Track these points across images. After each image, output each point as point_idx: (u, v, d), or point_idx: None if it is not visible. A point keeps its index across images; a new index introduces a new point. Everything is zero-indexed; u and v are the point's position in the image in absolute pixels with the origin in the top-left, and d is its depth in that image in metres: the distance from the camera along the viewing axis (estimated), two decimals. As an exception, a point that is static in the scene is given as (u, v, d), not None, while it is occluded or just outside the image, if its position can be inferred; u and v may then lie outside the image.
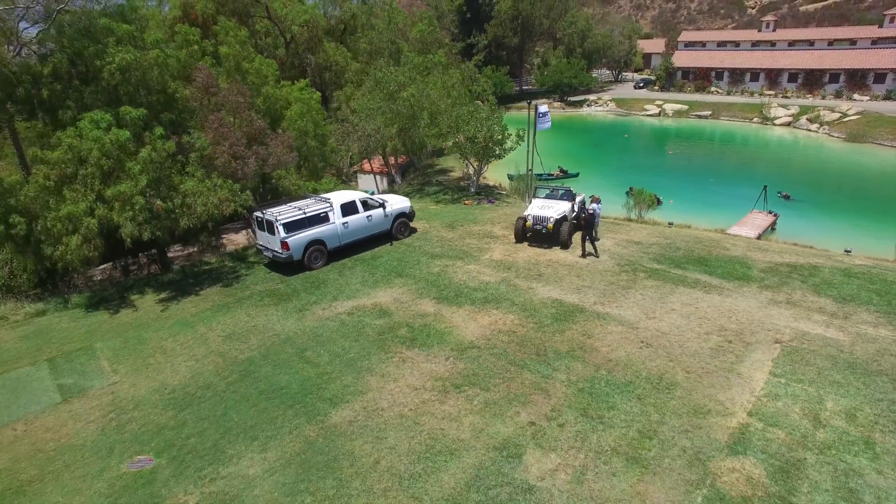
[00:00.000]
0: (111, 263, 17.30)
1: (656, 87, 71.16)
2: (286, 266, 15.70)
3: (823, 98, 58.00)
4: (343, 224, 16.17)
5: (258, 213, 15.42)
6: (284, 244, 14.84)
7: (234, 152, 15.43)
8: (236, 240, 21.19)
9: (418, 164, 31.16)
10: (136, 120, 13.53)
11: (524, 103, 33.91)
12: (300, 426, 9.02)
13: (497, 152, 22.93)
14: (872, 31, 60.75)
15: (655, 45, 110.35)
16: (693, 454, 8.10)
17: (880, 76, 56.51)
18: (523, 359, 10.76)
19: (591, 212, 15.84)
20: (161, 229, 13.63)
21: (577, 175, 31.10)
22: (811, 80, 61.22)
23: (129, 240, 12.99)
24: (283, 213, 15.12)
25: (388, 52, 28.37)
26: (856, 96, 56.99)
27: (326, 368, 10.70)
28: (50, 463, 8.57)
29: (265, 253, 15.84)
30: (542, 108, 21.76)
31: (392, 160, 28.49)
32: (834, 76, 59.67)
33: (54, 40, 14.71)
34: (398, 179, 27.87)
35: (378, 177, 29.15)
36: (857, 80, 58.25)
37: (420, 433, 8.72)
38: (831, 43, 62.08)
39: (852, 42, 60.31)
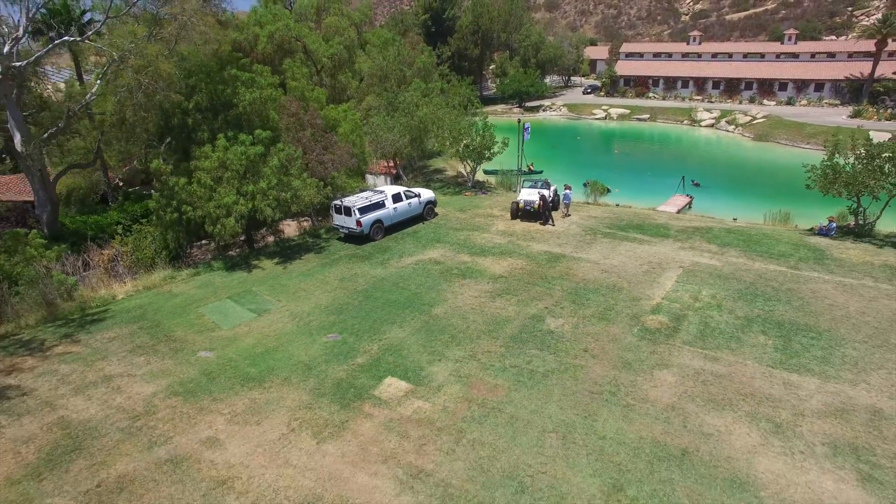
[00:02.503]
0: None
1: (602, 93, 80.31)
2: (357, 238, 22.27)
3: (741, 103, 68.30)
4: (393, 208, 22.89)
5: (337, 202, 21.91)
6: (359, 223, 21.43)
7: (317, 159, 21.85)
8: (287, 230, 27.37)
9: (415, 164, 37.90)
10: (265, 139, 19.73)
11: (492, 107, 41.03)
12: (416, 316, 15.81)
13: (487, 155, 30.07)
14: (777, 47, 71.81)
15: (600, 52, 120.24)
16: (632, 315, 15.45)
17: (783, 85, 67.34)
18: (533, 281, 17.91)
19: (553, 195, 23.20)
20: (283, 212, 19.93)
21: (541, 172, 38.58)
22: (731, 88, 71.70)
23: (268, 219, 19.26)
24: (355, 201, 21.69)
25: (394, 79, 35.01)
26: (765, 101, 67.58)
27: (416, 291, 17.51)
28: (279, 340, 14.99)
29: (341, 230, 22.34)
30: (527, 125, 29.16)
31: (393, 162, 35.12)
32: (749, 84, 70.24)
33: (192, 82, 20.59)
34: (404, 178, 34.56)
35: (383, 176, 35.71)
36: (766, 87, 68.98)
37: (485, 314, 15.71)
38: (746, 56, 72.75)
39: (762, 55, 71.09)
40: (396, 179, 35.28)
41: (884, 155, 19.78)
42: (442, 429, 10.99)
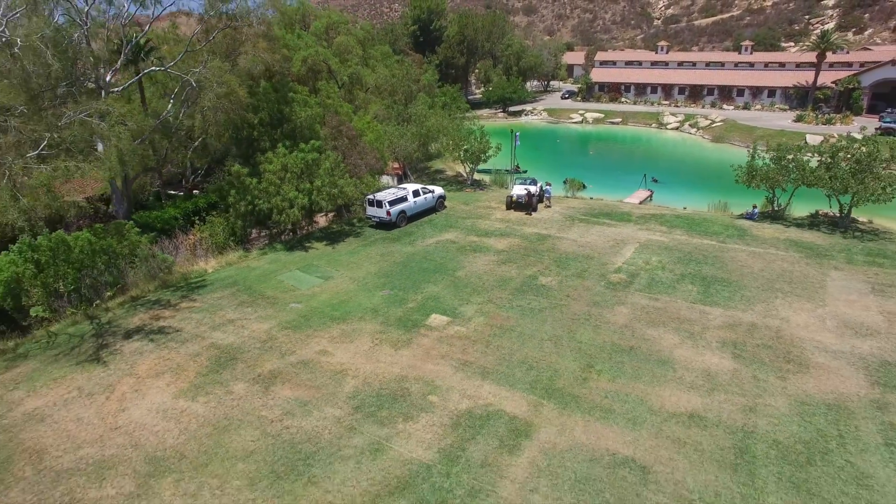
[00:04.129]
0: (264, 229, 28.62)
1: (579, 98, 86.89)
2: (386, 225, 27.90)
3: (703, 107, 75.49)
4: (413, 202, 28.60)
5: (370, 196, 27.53)
6: (388, 213, 27.10)
7: (353, 162, 27.44)
8: (320, 221, 32.83)
9: (418, 166, 43.59)
10: (317, 147, 25.23)
11: (478, 111, 46.91)
12: (445, 278, 21.59)
13: (483, 158, 35.96)
14: (735, 57, 79.26)
15: (577, 57, 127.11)
16: (601, 274, 21.47)
17: (741, 91, 74.64)
18: (527, 253, 23.85)
19: (539, 191, 29.22)
20: (333, 205, 25.48)
21: (526, 171, 44.56)
22: (695, 93, 78.86)
23: (323, 209, 24.78)
24: (385, 196, 27.33)
25: (402, 93, 40.66)
26: (725, 106, 74.82)
27: (441, 261, 23.28)
28: (346, 295, 20.60)
29: (373, 219, 27.93)
30: (517, 134, 35.17)
31: (399, 164, 40.79)
32: (710, 90, 77.45)
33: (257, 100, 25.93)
34: (410, 177, 40.24)
35: (390, 176, 41.32)
36: (726, 93, 76.26)
37: (495, 275, 21.57)
38: (708, 64, 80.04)
39: (722, 64, 78.43)
40: (403, 178, 40.93)
41: (788, 157, 26.19)
42: (476, 340, 16.82)
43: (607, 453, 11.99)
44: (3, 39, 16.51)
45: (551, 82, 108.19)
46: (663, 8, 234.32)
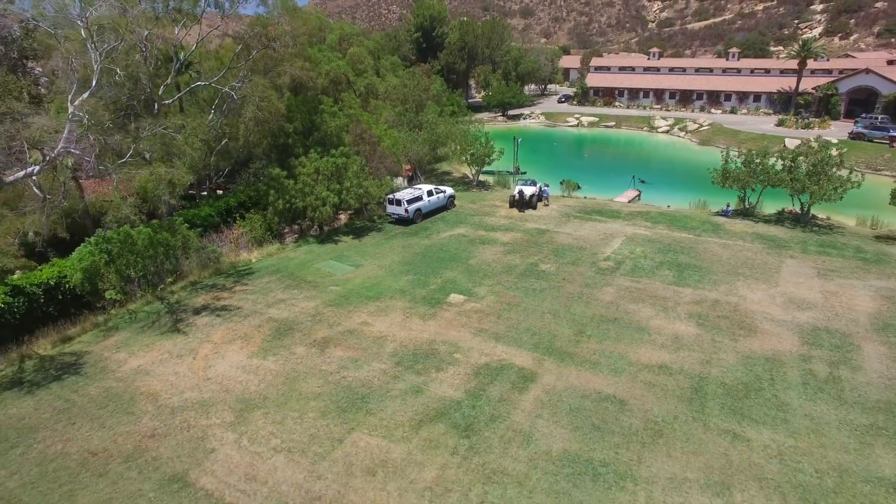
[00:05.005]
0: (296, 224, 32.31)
1: (575, 102, 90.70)
2: (404, 221, 31.56)
3: (693, 111, 79.34)
4: (428, 201, 32.30)
5: (390, 195, 31.21)
6: (406, 210, 30.78)
7: (375, 166, 31.11)
8: (341, 219, 36.46)
9: (426, 168, 47.29)
10: (345, 152, 28.90)
11: (479, 115, 50.69)
12: (460, 265, 25.30)
13: (488, 161, 39.68)
14: (723, 63, 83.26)
15: (573, 61, 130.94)
16: (591, 262, 25.23)
17: (728, 96, 78.56)
18: (529, 245, 27.59)
19: (538, 190, 32.95)
20: (360, 204, 29.16)
21: (525, 173, 48.30)
22: (685, 98, 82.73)
23: (352, 208, 28.42)
24: (403, 195, 31.02)
25: (413, 102, 44.38)
26: (713, 110, 78.71)
27: (455, 252, 26.99)
28: (377, 279, 24.26)
29: (393, 215, 31.60)
30: (519, 140, 38.90)
31: (411, 166, 44.47)
32: (699, 95, 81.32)
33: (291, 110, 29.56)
34: (420, 178, 43.92)
35: (402, 178, 44.98)
36: (714, 98, 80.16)
37: (502, 263, 25.30)
38: (697, 70, 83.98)
39: (711, 70, 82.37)
40: (414, 179, 44.60)
41: (756, 161, 30.00)
42: (489, 313, 20.54)
43: (594, 392, 15.73)
44: (97, 67, 20.06)
45: (548, 86, 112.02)
46: (658, 11, 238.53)
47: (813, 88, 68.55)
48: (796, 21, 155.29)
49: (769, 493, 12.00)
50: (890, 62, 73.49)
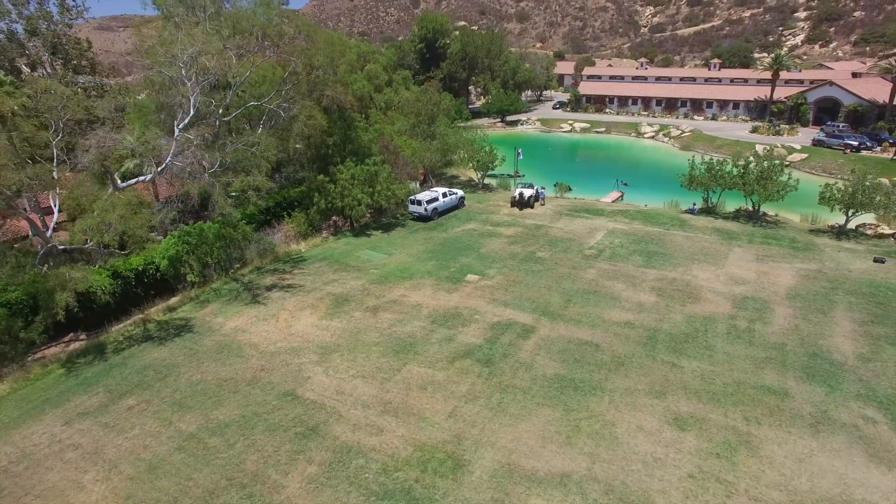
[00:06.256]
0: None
1: (568, 109, 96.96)
2: (423, 218, 37.64)
3: (677, 118, 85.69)
4: (442, 201, 38.39)
5: (412, 197, 37.27)
6: (426, 209, 36.87)
7: (398, 172, 37.16)
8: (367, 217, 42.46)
9: (436, 172, 53.40)
10: (376, 161, 34.93)
11: (479, 121, 56.92)
12: (473, 253, 31.42)
13: (491, 167, 45.84)
14: (705, 73, 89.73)
15: (567, 67, 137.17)
16: (578, 250, 31.43)
17: (710, 103, 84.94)
18: (528, 237, 33.75)
19: (536, 192, 39.14)
20: (388, 204, 35.24)
21: (523, 176, 54.45)
22: (670, 105, 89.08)
23: (383, 207, 34.46)
24: (423, 196, 37.10)
25: (426, 114, 50.47)
26: (696, 117, 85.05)
27: (469, 243, 33.11)
28: (407, 264, 30.29)
29: (413, 213, 37.65)
30: (520, 150, 45.15)
31: (423, 171, 50.55)
32: (684, 102, 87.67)
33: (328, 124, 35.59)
34: (432, 181, 50.03)
35: (416, 182, 51.03)
36: (697, 105, 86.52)
37: (507, 251, 31.45)
38: (682, 79, 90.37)
39: (694, 79, 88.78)
40: (425, 183, 50.66)
41: (715, 167, 36.24)
42: (498, 288, 26.67)
43: (577, 339, 21.88)
44: (193, 99, 26.06)
45: (544, 92, 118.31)
46: (650, 16, 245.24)
47: (785, 98, 75.01)
48: (780, 28, 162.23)
49: (689, 396, 18.19)
50: (855, 74, 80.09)
